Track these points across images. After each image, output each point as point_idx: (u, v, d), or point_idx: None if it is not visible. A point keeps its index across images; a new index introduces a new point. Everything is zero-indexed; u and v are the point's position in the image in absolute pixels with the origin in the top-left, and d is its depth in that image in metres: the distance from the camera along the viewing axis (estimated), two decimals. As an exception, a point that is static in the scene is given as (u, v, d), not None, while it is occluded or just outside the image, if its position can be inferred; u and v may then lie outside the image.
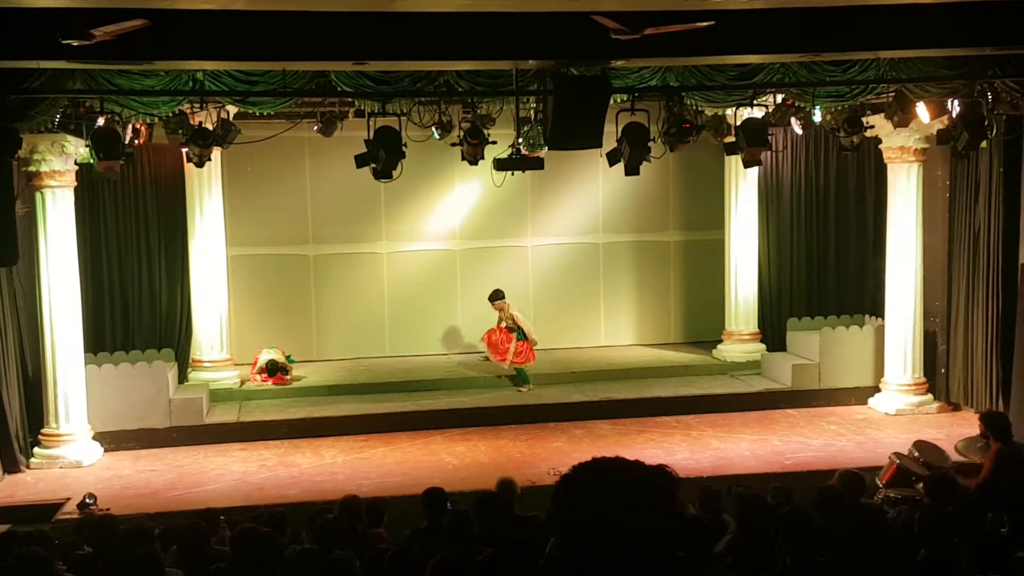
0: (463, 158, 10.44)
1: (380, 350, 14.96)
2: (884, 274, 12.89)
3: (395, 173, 9.62)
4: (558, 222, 15.31)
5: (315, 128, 11.93)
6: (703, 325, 15.18)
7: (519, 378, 13.36)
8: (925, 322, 12.67)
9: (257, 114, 10.15)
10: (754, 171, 13.50)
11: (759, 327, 14.42)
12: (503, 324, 13.46)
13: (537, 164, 10.80)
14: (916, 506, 7.12)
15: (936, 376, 12.84)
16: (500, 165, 10.67)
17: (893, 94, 10.52)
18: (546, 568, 2.25)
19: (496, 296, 13.53)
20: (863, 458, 10.21)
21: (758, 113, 11.25)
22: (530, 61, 8.73)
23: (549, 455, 10.85)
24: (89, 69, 8.53)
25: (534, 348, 13.42)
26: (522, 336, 13.32)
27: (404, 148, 9.47)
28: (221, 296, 13.38)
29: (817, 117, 11.05)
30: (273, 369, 13.31)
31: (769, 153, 12.78)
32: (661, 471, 2.12)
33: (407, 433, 11.87)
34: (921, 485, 7.98)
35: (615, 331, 15.58)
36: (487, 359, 13.75)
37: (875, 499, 8.00)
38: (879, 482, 8.53)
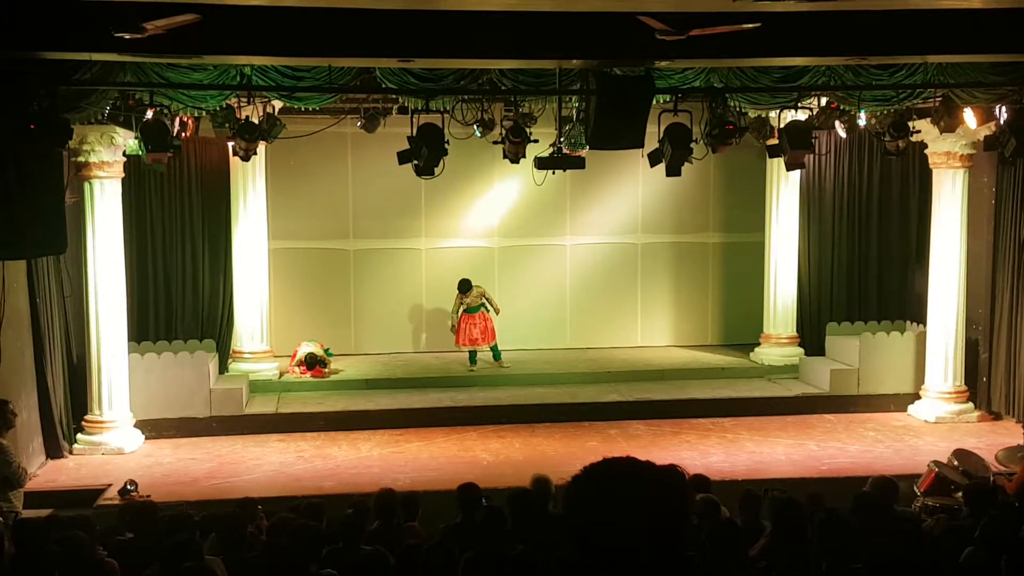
0: (504, 156, 10.46)
1: (417, 345, 15.07)
2: (926, 280, 12.75)
3: (437, 170, 9.65)
4: (597, 222, 15.30)
5: (358, 124, 12.07)
6: (741, 328, 15.10)
7: (471, 358, 13.94)
8: (967, 330, 12.52)
9: (302, 109, 10.24)
10: (796, 174, 13.39)
11: (798, 331, 14.30)
12: (482, 309, 13.85)
13: (578, 163, 10.79)
14: (954, 515, 7.06)
15: (977, 384, 12.68)
16: (541, 164, 10.67)
17: (940, 99, 10.41)
18: (557, 570, 2.24)
19: (469, 286, 13.88)
20: (901, 465, 10.11)
21: (802, 116, 11.17)
22: (574, 60, 8.73)
23: (584, 454, 10.82)
24: (139, 62, 8.65)
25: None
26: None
27: (446, 145, 9.50)
28: (262, 288, 13.53)
29: (862, 121, 10.95)
30: (312, 362, 13.44)
31: (812, 156, 12.68)
32: (671, 471, 2.12)
33: (442, 428, 11.94)
34: (960, 494, 7.90)
35: (652, 332, 15.54)
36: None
37: (913, 507, 7.94)
38: (917, 490, 8.45)
